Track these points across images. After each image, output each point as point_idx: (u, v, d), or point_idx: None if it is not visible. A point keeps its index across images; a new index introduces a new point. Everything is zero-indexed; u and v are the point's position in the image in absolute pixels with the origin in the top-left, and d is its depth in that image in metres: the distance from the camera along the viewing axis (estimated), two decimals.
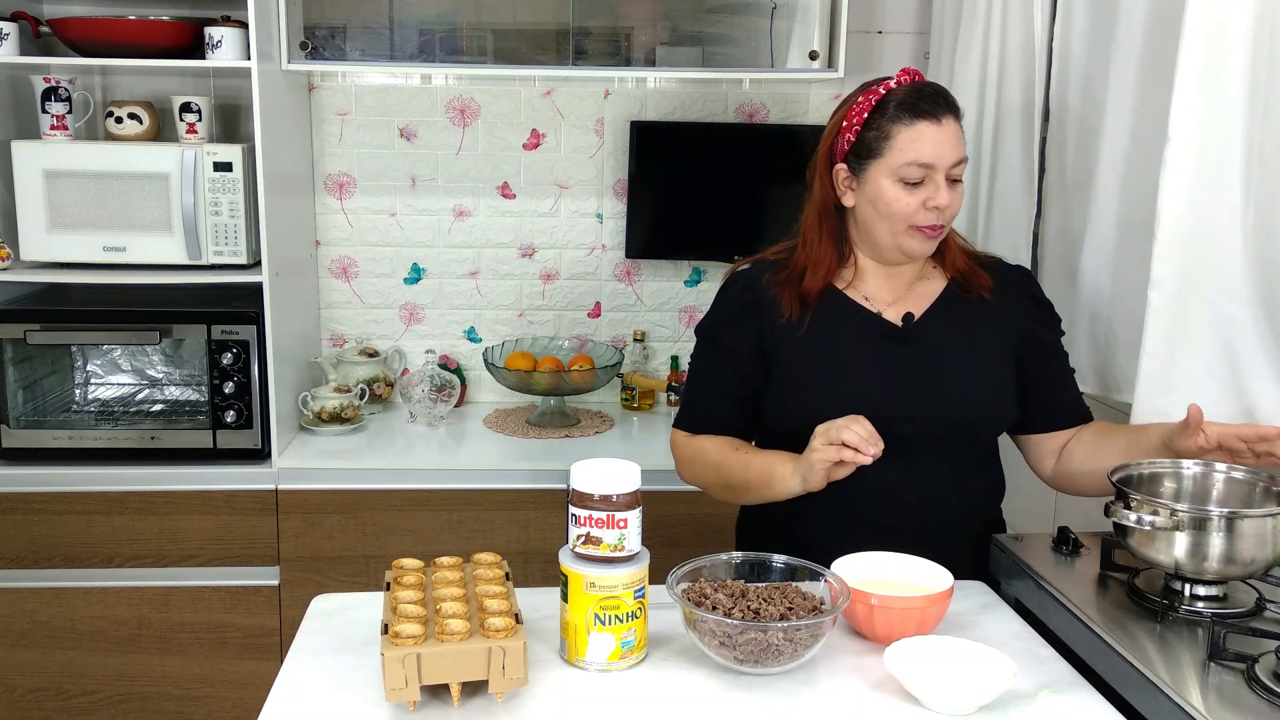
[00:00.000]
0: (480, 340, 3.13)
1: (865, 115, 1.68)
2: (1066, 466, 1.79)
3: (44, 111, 2.63)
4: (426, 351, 3.01)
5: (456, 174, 3.03)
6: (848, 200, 1.73)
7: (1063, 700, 1.31)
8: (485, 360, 2.91)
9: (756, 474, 1.69)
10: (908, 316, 1.74)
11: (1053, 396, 1.80)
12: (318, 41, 2.68)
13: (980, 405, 1.73)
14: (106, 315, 2.62)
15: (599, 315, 3.13)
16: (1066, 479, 1.80)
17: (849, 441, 1.52)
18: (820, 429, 1.57)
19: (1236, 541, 1.40)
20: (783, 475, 1.64)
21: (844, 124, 1.71)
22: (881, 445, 1.53)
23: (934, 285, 1.78)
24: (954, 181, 1.67)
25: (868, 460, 1.53)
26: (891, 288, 1.76)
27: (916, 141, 1.64)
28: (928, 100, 1.65)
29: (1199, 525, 1.40)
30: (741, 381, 1.77)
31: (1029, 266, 2.38)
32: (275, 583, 2.62)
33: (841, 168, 1.71)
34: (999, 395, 1.74)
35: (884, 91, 1.68)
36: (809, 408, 1.64)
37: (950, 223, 1.71)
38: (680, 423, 1.84)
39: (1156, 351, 1.78)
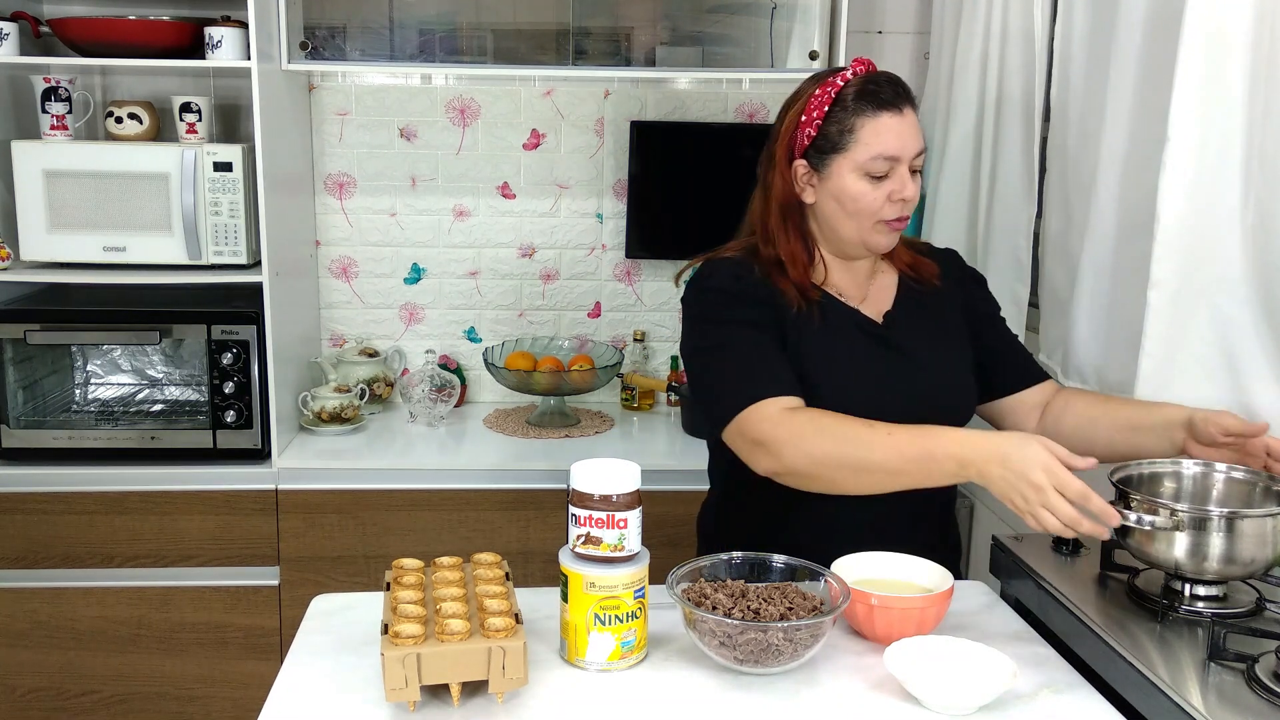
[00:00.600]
0: (480, 340, 3.13)
1: (825, 109, 1.63)
2: (1055, 431, 1.75)
3: (44, 111, 2.63)
4: (426, 351, 3.02)
5: (456, 174, 3.03)
6: (808, 197, 1.68)
7: (1063, 700, 1.31)
8: (485, 360, 2.91)
9: (921, 465, 1.47)
10: (889, 315, 1.73)
11: (1013, 359, 1.82)
12: (318, 41, 2.68)
13: (954, 395, 1.73)
14: (106, 315, 2.62)
15: (599, 315, 3.13)
16: (1058, 439, 1.76)
17: (1068, 521, 1.36)
18: (1041, 484, 1.36)
19: (1236, 541, 1.40)
20: (946, 477, 1.47)
21: (802, 118, 1.66)
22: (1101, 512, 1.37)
23: (889, 278, 1.78)
24: (914, 171, 1.64)
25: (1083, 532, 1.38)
26: (856, 283, 1.74)
27: (881, 134, 1.60)
28: (887, 91, 1.62)
29: (1199, 525, 1.40)
30: (783, 351, 1.63)
31: (1029, 266, 2.38)
32: (275, 583, 2.62)
33: (801, 163, 1.67)
34: (967, 381, 1.75)
35: (841, 83, 1.64)
36: (810, 404, 1.61)
37: (910, 213, 1.68)
38: (758, 392, 1.58)
39: (1156, 352, 1.78)
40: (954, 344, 1.76)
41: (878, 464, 1.49)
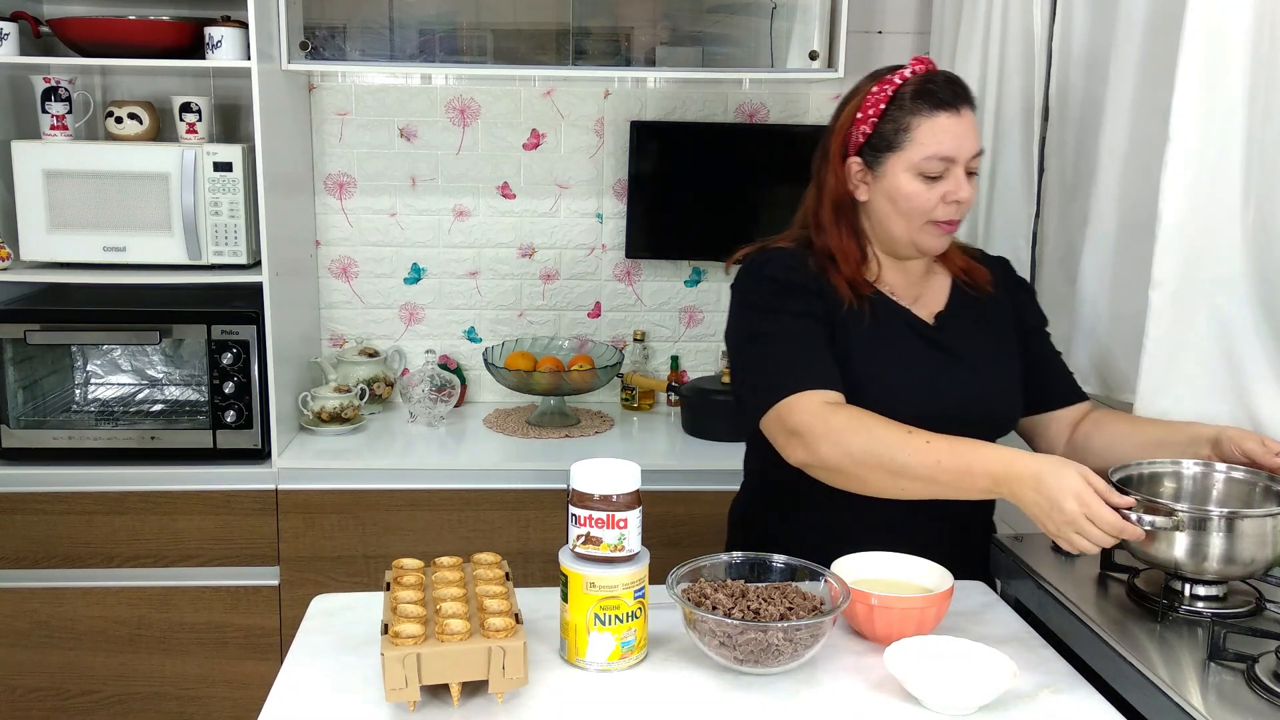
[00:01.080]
0: (480, 340, 3.13)
1: (882, 106, 1.63)
2: (1084, 448, 1.76)
3: (44, 111, 2.63)
4: (426, 351, 3.02)
5: (456, 174, 3.03)
6: (861, 194, 1.68)
7: (1063, 700, 1.31)
8: (485, 360, 2.91)
9: (955, 477, 1.47)
10: (940, 316, 1.72)
11: (1054, 375, 1.81)
12: (318, 41, 2.68)
13: (1004, 402, 1.73)
14: (106, 315, 2.62)
15: (599, 315, 3.13)
16: (1085, 459, 1.77)
17: (1094, 540, 1.38)
18: (1072, 513, 1.36)
19: (1236, 541, 1.39)
20: (978, 492, 1.47)
21: (858, 115, 1.65)
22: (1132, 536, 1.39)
23: (942, 280, 1.77)
24: (970, 173, 1.64)
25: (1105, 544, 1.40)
26: (909, 283, 1.74)
27: (938, 134, 1.60)
28: (946, 90, 1.61)
29: (1199, 525, 1.40)
30: (827, 341, 1.63)
31: (1029, 266, 2.38)
32: (275, 583, 2.62)
33: (855, 161, 1.66)
34: (1016, 388, 1.75)
35: (899, 81, 1.63)
36: (856, 401, 1.59)
37: (964, 216, 1.67)
38: (800, 383, 1.58)
39: (1157, 352, 1.78)
40: (1004, 350, 1.75)
41: (914, 470, 1.48)
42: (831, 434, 1.53)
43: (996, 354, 1.74)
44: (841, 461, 1.53)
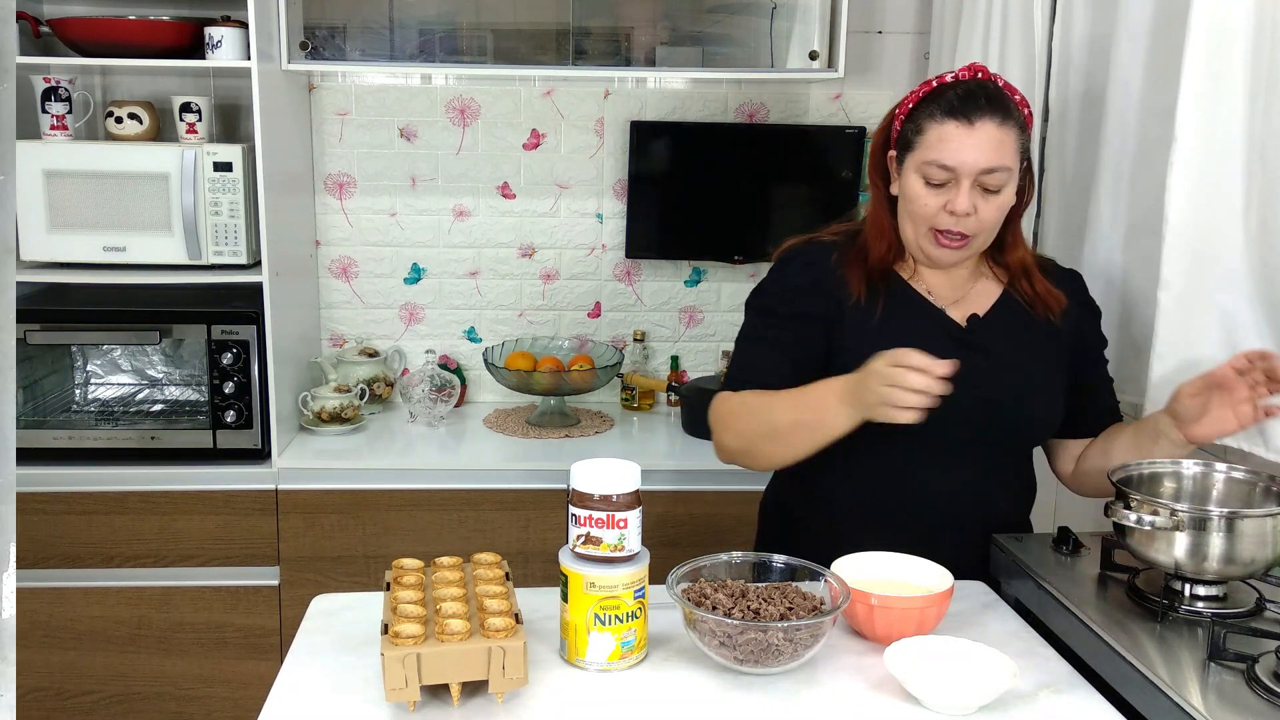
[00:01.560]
0: (480, 340, 3.13)
1: (910, 105, 1.66)
2: (1081, 467, 1.77)
3: (44, 111, 2.63)
4: (426, 351, 3.02)
5: (456, 174, 3.04)
6: (894, 188, 1.69)
7: (1063, 700, 1.31)
8: (485, 360, 2.91)
9: (810, 410, 1.55)
10: (972, 319, 1.71)
11: (1096, 403, 1.78)
12: (318, 41, 2.68)
13: (1034, 415, 1.71)
14: (106, 315, 2.62)
15: (599, 315, 3.13)
16: (1082, 479, 1.79)
17: (913, 387, 1.41)
18: (880, 371, 1.43)
19: (1236, 541, 1.40)
20: (835, 417, 1.52)
21: (896, 110, 1.69)
22: (942, 370, 1.41)
23: (992, 286, 1.74)
24: (988, 191, 1.59)
25: (933, 400, 1.42)
26: (951, 284, 1.72)
27: (942, 142, 1.59)
28: (970, 100, 1.59)
29: (1199, 525, 1.40)
30: (804, 345, 1.68)
31: None
32: (275, 583, 2.62)
33: (892, 154, 1.69)
34: (1052, 404, 1.72)
35: (935, 84, 1.64)
36: None
37: (978, 235, 1.63)
38: (727, 385, 1.71)
39: (1167, 353, 1.77)
40: (1045, 358, 1.72)
41: (784, 426, 1.58)
42: (723, 422, 1.66)
43: (1033, 360, 1.70)
44: (738, 444, 1.65)
